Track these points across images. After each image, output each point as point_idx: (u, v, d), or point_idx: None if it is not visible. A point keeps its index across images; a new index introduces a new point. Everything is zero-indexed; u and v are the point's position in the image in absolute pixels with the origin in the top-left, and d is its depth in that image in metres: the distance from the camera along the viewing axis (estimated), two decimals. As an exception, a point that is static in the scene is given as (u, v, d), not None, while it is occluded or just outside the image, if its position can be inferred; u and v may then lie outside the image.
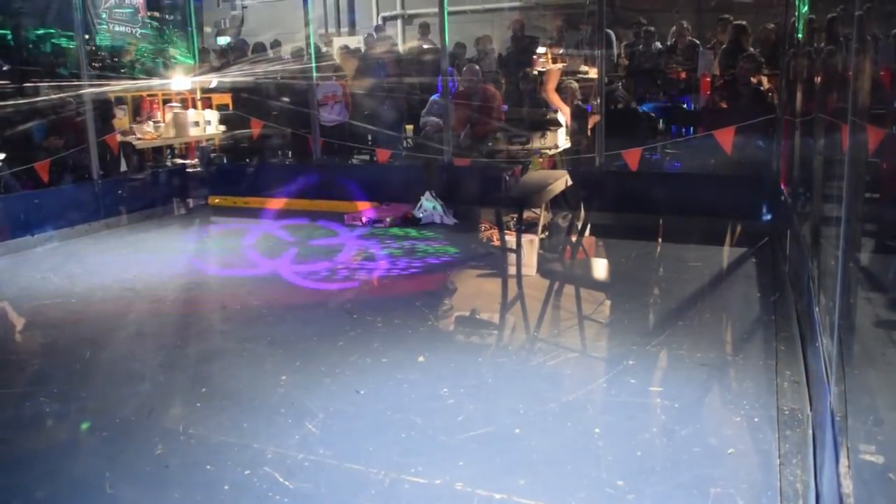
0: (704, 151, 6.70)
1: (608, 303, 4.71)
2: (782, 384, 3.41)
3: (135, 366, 3.90)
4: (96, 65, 8.53)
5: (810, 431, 2.84)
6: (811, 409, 2.96)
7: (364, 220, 7.25)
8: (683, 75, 7.99)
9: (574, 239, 6.28)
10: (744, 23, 7.72)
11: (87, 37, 8.05)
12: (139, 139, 8.25)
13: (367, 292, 5.10)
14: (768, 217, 6.21)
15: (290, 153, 9.02)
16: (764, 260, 5.53)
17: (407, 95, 8.63)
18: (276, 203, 8.20)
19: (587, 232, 6.36)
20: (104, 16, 7.99)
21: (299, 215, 7.81)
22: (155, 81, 8.61)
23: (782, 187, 5.99)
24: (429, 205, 7.30)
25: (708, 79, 7.75)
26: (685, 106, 7.76)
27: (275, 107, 8.70)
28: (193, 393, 3.52)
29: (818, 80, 4.31)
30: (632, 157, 6.65)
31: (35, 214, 6.80)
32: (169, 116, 8.54)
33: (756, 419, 3.10)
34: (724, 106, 7.00)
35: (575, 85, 7.72)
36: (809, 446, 2.76)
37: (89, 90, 7.40)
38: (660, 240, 6.27)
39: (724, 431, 3.02)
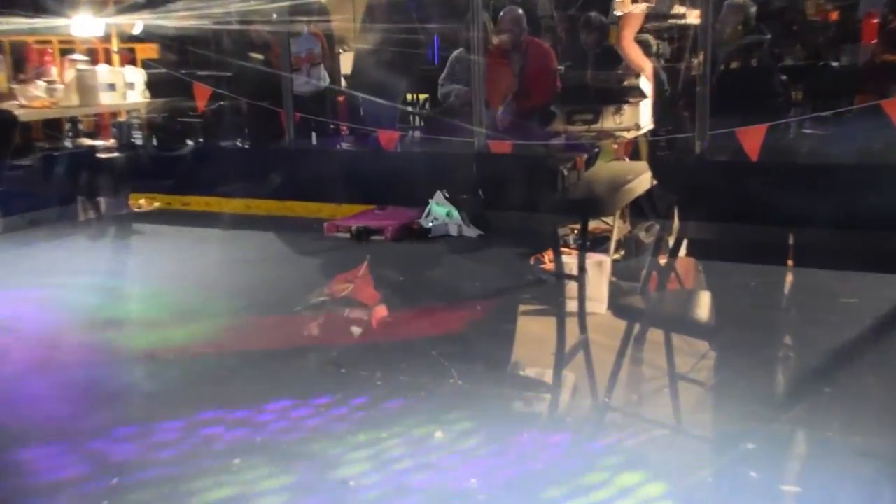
0: (865, 131, 6.63)
1: (714, 356, 4.64)
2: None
3: (11, 449, 3.84)
4: None
5: None
6: None
7: (353, 230, 7.28)
8: (835, 17, 7.88)
9: (663, 261, 6.17)
10: None
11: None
12: (23, 106, 8.15)
13: (360, 335, 5.12)
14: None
15: (250, 134, 9.03)
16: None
17: (417, 52, 8.67)
18: (230, 206, 8.21)
19: (683, 251, 6.25)
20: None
21: (263, 223, 7.86)
22: (48, 21, 8.53)
23: None
24: (440, 210, 7.35)
25: (875, 20, 7.58)
26: (835, 63, 7.64)
27: (230, 66, 8.73)
28: (100, 494, 3.47)
29: None
30: (751, 140, 6.59)
31: None
32: (70, 75, 8.48)
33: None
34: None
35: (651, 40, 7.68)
36: None
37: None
38: (792, 263, 6.16)
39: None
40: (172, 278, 6.47)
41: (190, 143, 9.17)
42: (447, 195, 7.40)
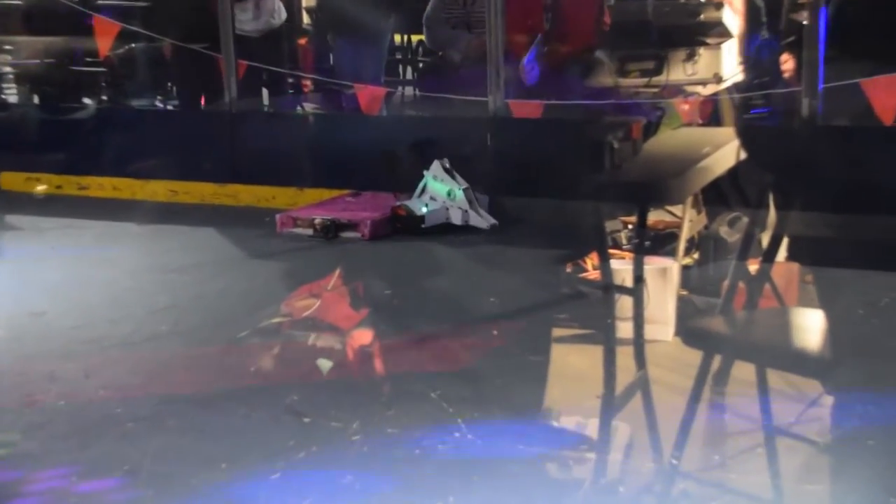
0: None
1: (830, 401, 4.60)
2: None
3: None
4: None
5: None
6: None
7: (317, 224, 7.31)
8: None
9: (754, 268, 6.14)
10: None
11: None
12: None
13: (330, 371, 5.13)
14: None
15: (176, 90, 9.04)
16: None
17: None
18: (148, 190, 8.25)
19: (782, 254, 6.22)
20: None
21: (195, 215, 7.86)
22: None
23: None
24: (440, 188, 7.33)
25: None
26: None
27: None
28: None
29: None
30: (884, 96, 6.64)
31: None
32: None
33: None
34: None
35: None
36: None
37: None
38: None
39: None
40: (62, 293, 6.48)
41: (89, 101, 9.15)
42: (448, 166, 7.40)
